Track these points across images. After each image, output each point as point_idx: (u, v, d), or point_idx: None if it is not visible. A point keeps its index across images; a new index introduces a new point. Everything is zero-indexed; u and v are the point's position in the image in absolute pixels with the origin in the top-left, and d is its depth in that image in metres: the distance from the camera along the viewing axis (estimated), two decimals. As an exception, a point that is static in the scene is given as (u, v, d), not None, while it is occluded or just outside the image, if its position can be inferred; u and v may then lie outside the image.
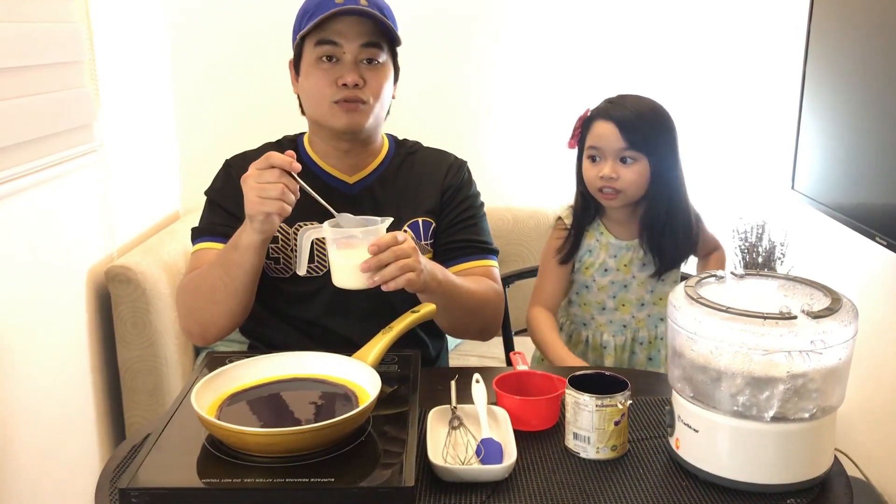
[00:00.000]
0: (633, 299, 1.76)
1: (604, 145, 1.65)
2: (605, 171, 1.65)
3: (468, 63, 2.94)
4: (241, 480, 1.03)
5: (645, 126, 1.64)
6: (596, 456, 1.17)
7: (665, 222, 1.70)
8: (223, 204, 1.60)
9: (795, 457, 1.09)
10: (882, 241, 1.76)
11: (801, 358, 1.05)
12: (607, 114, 1.66)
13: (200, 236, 1.61)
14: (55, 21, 2.03)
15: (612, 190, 1.66)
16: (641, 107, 1.66)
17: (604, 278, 1.75)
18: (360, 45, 1.52)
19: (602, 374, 1.24)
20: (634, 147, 1.64)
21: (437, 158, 1.71)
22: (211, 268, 1.49)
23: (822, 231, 2.35)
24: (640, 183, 1.66)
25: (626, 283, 1.75)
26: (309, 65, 1.55)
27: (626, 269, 1.74)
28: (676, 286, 1.22)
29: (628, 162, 1.65)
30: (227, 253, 1.45)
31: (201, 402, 1.13)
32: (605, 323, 1.77)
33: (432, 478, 1.11)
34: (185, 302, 1.56)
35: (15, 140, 1.82)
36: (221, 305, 1.49)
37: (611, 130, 1.64)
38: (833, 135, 2.06)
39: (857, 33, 1.96)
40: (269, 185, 1.33)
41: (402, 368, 1.36)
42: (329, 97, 1.53)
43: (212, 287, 1.48)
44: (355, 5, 1.50)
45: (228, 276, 1.45)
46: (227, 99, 2.90)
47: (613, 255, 1.74)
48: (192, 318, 1.55)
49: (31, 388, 1.88)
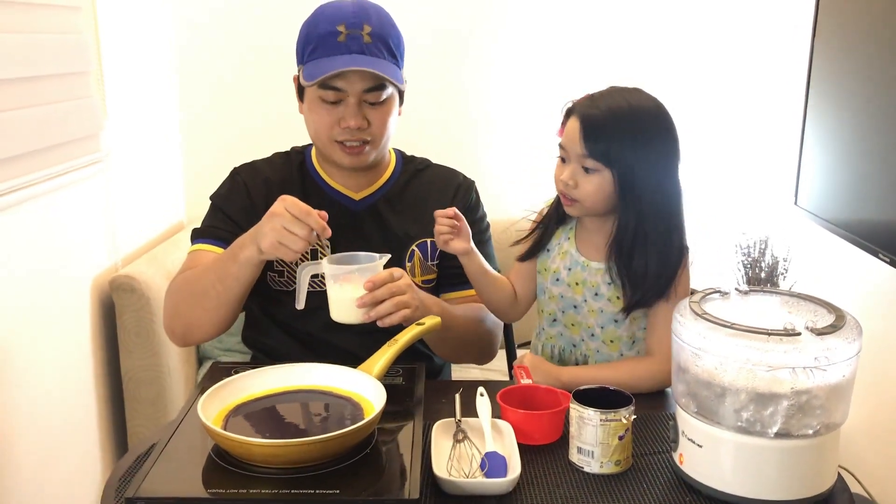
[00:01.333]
0: (584, 324, 1.52)
1: (569, 147, 1.41)
2: (564, 175, 1.42)
3: (467, 69, 2.95)
4: (246, 491, 1.03)
5: (611, 133, 1.37)
6: (600, 470, 1.17)
7: (633, 245, 1.41)
8: (227, 210, 1.61)
9: (799, 473, 1.09)
10: (885, 258, 1.77)
11: (804, 374, 1.05)
12: (579, 110, 1.41)
13: (200, 237, 1.60)
14: (63, 32, 2.04)
15: (570, 198, 1.45)
16: (618, 108, 1.39)
17: (555, 287, 1.53)
18: (363, 90, 1.50)
19: (607, 388, 1.25)
20: (595, 157, 1.38)
21: (446, 177, 1.71)
22: (206, 272, 1.49)
23: (825, 247, 2.35)
24: (597, 197, 1.41)
25: (576, 304, 1.51)
26: (311, 99, 1.54)
27: (577, 288, 1.50)
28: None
29: (590, 172, 1.40)
30: (225, 263, 1.45)
31: (207, 412, 1.14)
32: (556, 335, 1.56)
33: (436, 491, 1.11)
34: (174, 301, 1.55)
35: (22, 150, 1.82)
36: (210, 313, 1.49)
37: (576, 132, 1.39)
38: (836, 151, 2.07)
39: (861, 49, 1.97)
40: (295, 238, 1.33)
41: (407, 381, 1.37)
42: (331, 136, 1.53)
43: (203, 292, 1.48)
44: (360, 54, 1.48)
45: (222, 285, 1.45)
46: (232, 110, 2.91)
47: (568, 268, 1.51)
48: (178, 318, 1.54)
49: (35, 397, 1.89)
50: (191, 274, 1.53)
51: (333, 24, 1.49)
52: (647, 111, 1.40)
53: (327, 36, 1.49)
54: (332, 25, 1.49)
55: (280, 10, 2.82)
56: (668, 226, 1.42)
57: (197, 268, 1.53)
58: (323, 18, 1.52)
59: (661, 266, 1.42)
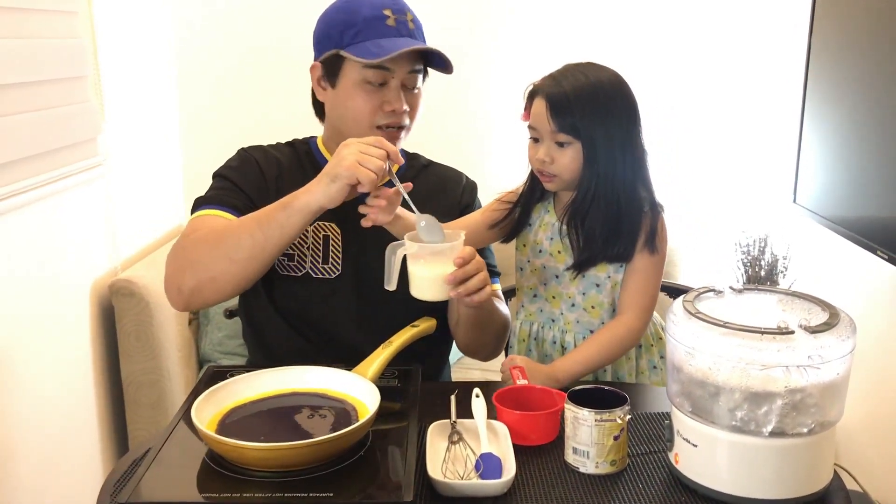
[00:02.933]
0: (564, 294, 1.59)
1: (539, 126, 1.51)
2: (540, 153, 1.51)
3: (466, 68, 2.94)
4: (240, 495, 1.03)
5: (577, 107, 1.47)
6: (595, 471, 1.17)
7: (588, 207, 1.51)
8: (237, 181, 1.57)
9: (794, 472, 1.09)
10: (883, 255, 1.77)
11: (798, 373, 1.05)
12: (543, 91, 1.50)
13: (207, 204, 1.53)
14: (60, 37, 2.04)
15: (548, 174, 1.53)
16: (579, 84, 1.49)
17: (538, 259, 1.61)
18: (408, 71, 1.53)
19: (601, 388, 1.25)
20: (565, 130, 1.48)
21: (453, 176, 1.74)
22: (241, 224, 1.42)
23: (824, 245, 2.35)
24: (573, 167, 1.50)
25: (558, 273, 1.59)
26: (352, 84, 1.53)
27: (559, 256, 1.58)
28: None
29: (564, 146, 1.49)
30: (271, 210, 1.39)
31: (201, 416, 1.14)
32: (536, 312, 1.63)
33: (431, 493, 1.11)
34: (191, 254, 1.44)
35: (20, 154, 1.83)
36: (237, 265, 1.40)
37: (543, 111, 1.49)
38: (834, 149, 2.07)
39: (858, 47, 1.96)
40: (373, 156, 1.34)
41: (403, 383, 1.37)
42: (372, 121, 1.54)
43: (236, 243, 1.40)
44: (411, 38, 1.52)
45: (262, 233, 1.38)
46: (232, 113, 2.91)
47: (550, 238, 1.59)
48: (191, 272, 1.42)
49: (35, 401, 1.89)
50: (221, 226, 1.45)
51: (378, 9, 1.52)
52: (605, 83, 1.50)
53: (373, 20, 1.51)
54: (377, 10, 1.51)
55: (278, 13, 2.83)
56: (624, 188, 1.51)
57: (226, 222, 1.46)
58: (365, 4, 1.53)
59: (613, 227, 1.51)
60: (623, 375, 1.63)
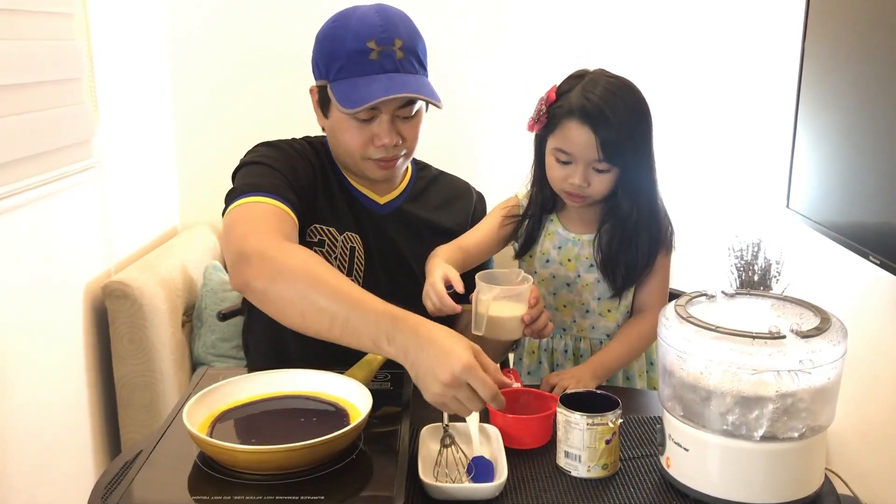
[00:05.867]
0: (577, 302, 1.58)
1: (577, 153, 1.46)
2: (576, 179, 1.48)
3: (467, 76, 2.95)
4: (231, 498, 1.03)
5: (625, 139, 1.45)
6: (587, 474, 1.17)
7: (630, 233, 1.53)
8: (284, 170, 1.46)
9: (785, 476, 1.09)
10: (875, 260, 1.77)
11: (789, 377, 1.05)
12: (586, 116, 1.44)
13: (255, 191, 1.38)
14: (55, 39, 2.04)
15: (580, 195, 1.51)
16: (622, 112, 1.44)
17: (545, 269, 1.59)
18: (398, 106, 1.46)
19: (594, 392, 1.25)
20: (609, 160, 1.46)
21: (462, 188, 1.74)
22: (333, 299, 1.20)
23: (817, 250, 2.36)
24: (606, 190, 1.51)
25: (570, 281, 1.58)
26: (341, 118, 1.48)
27: (569, 264, 1.57)
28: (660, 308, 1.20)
29: (602, 172, 1.48)
30: (360, 321, 1.17)
31: (193, 419, 1.14)
32: None
33: (423, 496, 1.11)
34: (282, 270, 1.25)
35: (14, 156, 1.83)
36: (298, 320, 1.24)
37: (588, 140, 1.44)
38: (827, 154, 2.07)
39: (852, 52, 1.97)
40: (464, 407, 1.13)
41: (395, 386, 1.37)
42: (364, 154, 1.50)
43: (317, 312, 1.21)
44: (395, 73, 1.43)
45: (339, 330, 1.19)
46: (226, 116, 2.91)
47: (558, 247, 1.58)
48: (269, 282, 1.25)
49: (27, 403, 1.88)
50: (319, 273, 1.23)
51: (363, 41, 1.42)
52: (640, 113, 1.49)
53: (356, 55, 1.43)
54: (360, 42, 1.42)
55: (274, 15, 2.83)
56: (654, 198, 1.54)
57: (324, 272, 1.24)
58: (350, 34, 1.44)
59: (655, 242, 1.54)
60: (633, 375, 1.64)
